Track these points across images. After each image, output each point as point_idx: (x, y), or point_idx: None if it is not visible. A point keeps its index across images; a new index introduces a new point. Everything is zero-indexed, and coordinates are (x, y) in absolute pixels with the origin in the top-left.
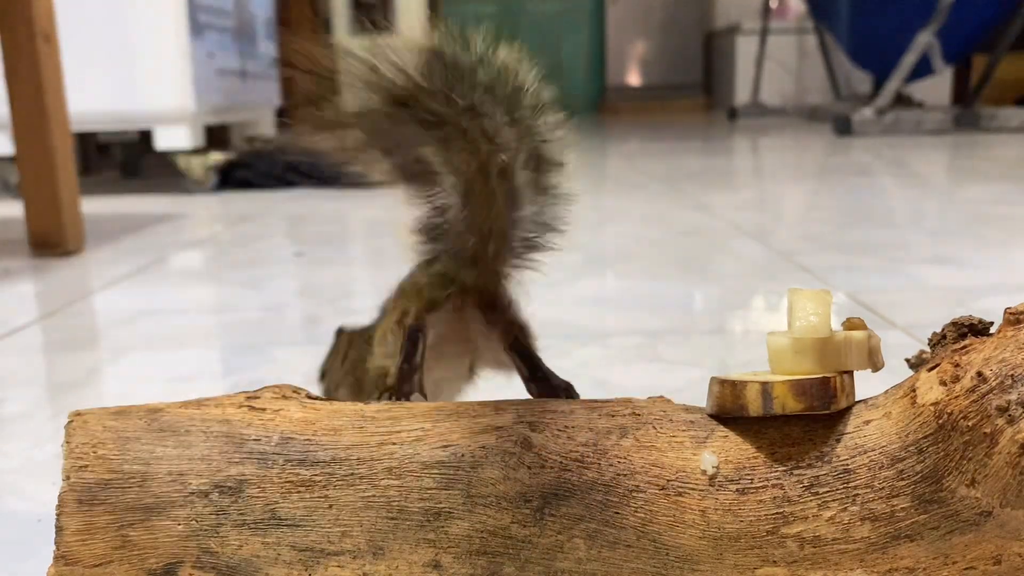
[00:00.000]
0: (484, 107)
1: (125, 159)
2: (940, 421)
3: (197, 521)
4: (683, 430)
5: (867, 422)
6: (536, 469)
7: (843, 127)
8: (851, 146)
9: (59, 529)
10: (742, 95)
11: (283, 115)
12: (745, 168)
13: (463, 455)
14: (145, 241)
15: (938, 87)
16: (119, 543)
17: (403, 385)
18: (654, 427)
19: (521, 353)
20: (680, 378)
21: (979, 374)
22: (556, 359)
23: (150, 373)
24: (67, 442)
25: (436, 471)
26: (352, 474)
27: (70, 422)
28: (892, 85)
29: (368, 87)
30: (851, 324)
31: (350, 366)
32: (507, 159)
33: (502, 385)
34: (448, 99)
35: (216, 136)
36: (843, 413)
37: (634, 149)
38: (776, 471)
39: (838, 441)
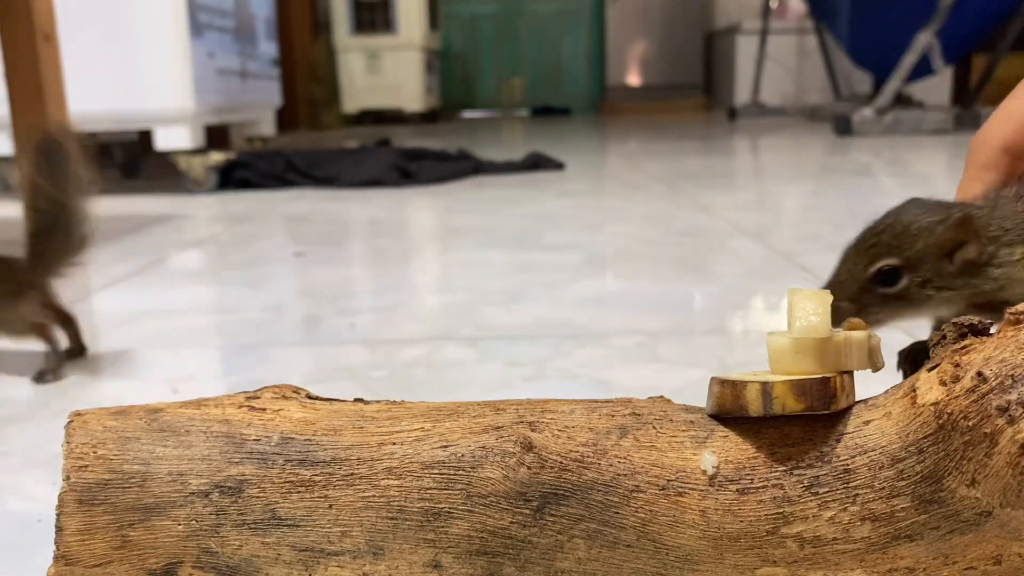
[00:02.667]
0: None
1: (125, 159)
2: (940, 421)
3: (197, 521)
4: (683, 430)
5: (867, 422)
6: (536, 469)
7: (843, 127)
8: (851, 146)
9: (59, 529)
10: (742, 95)
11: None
12: (745, 168)
13: (463, 455)
14: (145, 241)
15: (938, 87)
16: (119, 543)
17: None
18: (654, 427)
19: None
20: (680, 378)
21: (979, 374)
22: (556, 359)
23: (150, 373)
24: (67, 442)
25: (436, 471)
26: (352, 474)
27: (70, 422)
28: (892, 85)
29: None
30: (851, 324)
31: None
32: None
33: (502, 385)
34: None
35: (216, 136)
36: (843, 413)
37: (634, 149)
38: (776, 471)
39: (838, 441)
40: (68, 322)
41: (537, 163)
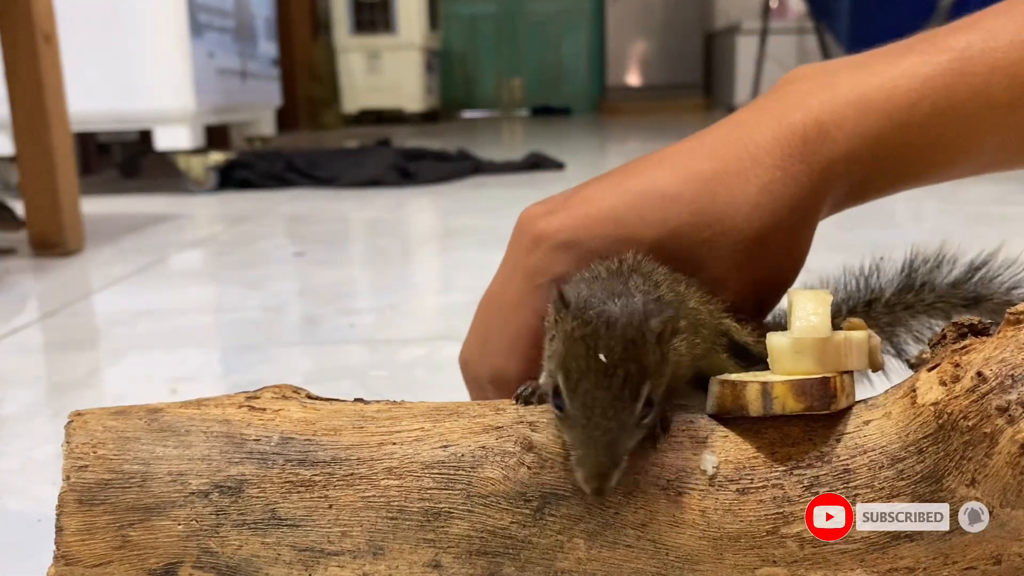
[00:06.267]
0: None
1: (125, 159)
2: (940, 421)
3: (197, 521)
4: (683, 430)
5: (867, 422)
6: (536, 469)
7: None
8: None
9: (59, 529)
10: (742, 95)
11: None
12: None
13: (463, 455)
14: (145, 241)
15: None
16: (119, 543)
17: None
18: None
19: None
20: None
21: (979, 374)
22: None
23: (150, 373)
24: (67, 442)
25: (436, 471)
26: (352, 474)
27: (70, 422)
28: None
29: None
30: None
31: None
32: None
33: None
34: None
35: (216, 136)
36: (843, 413)
37: (634, 149)
38: (776, 471)
39: (838, 441)
40: None
41: (537, 163)
